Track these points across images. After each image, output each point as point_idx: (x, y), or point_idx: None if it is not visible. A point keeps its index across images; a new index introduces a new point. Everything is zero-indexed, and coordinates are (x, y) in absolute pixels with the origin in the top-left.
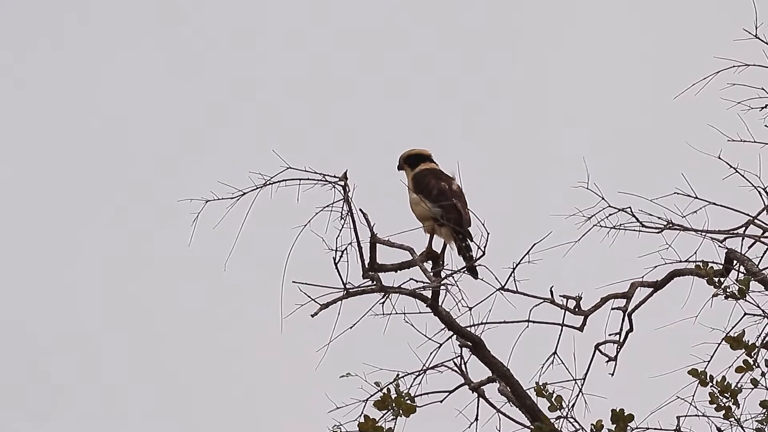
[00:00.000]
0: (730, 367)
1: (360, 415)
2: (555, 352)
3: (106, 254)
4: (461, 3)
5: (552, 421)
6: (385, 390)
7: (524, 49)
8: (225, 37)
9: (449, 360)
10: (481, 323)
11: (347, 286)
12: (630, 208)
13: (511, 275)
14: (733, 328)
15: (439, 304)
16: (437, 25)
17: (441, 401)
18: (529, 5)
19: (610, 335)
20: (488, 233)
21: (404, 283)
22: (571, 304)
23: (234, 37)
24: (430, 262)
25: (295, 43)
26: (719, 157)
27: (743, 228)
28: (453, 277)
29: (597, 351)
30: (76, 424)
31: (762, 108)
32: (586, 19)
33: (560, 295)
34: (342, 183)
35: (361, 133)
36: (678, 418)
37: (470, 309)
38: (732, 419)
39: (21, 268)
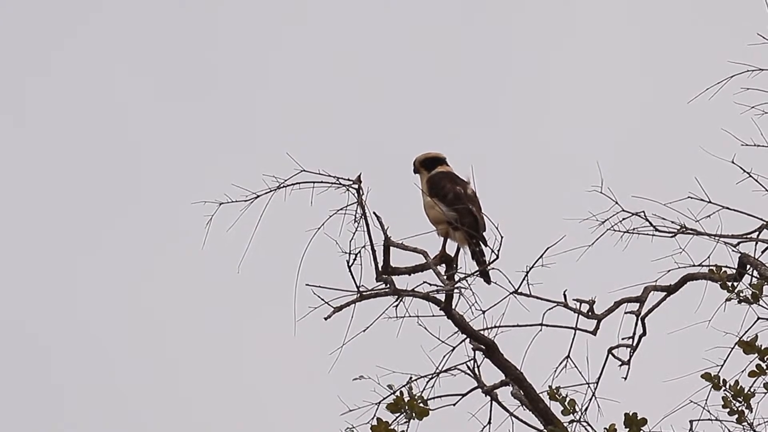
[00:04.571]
0: (743, 371)
1: (373, 418)
2: (568, 356)
3: (119, 256)
4: (465, 5)
5: (565, 424)
6: (398, 393)
7: (533, 51)
8: (236, 40)
9: (462, 363)
10: (495, 326)
11: (361, 289)
12: (643, 212)
13: (524, 279)
14: (746, 332)
15: (453, 307)
16: (448, 28)
17: (454, 404)
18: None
19: (623, 339)
20: (502, 237)
21: (418, 286)
22: (585, 307)
23: (245, 41)
24: (443, 265)
25: (307, 47)
26: (733, 162)
27: (757, 232)
28: (466, 281)
29: (610, 355)
30: (87, 425)
31: None
32: (594, 20)
33: (573, 299)
34: (356, 186)
35: (375, 137)
36: (691, 422)
37: (483, 312)
38: (745, 423)
39: (32, 270)
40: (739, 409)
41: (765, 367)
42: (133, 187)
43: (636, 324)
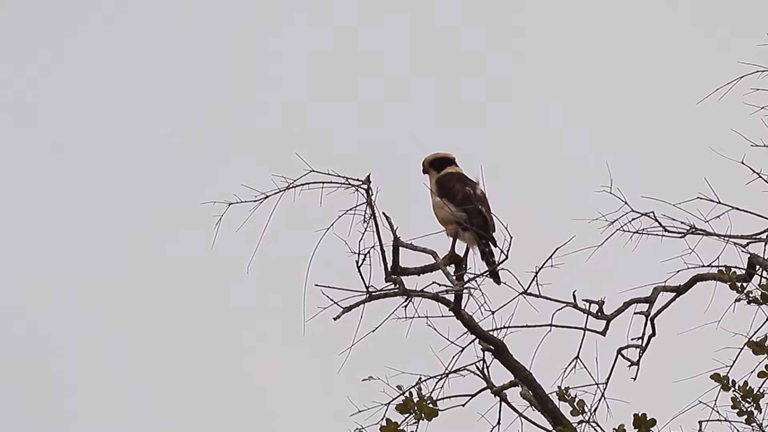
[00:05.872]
0: (752, 372)
1: (382, 419)
2: (577, 357)
3: (128, 256)
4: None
5: (574, 425)
6: (407, 393)
7: (533, 51)
8: (246, 39)
9: (471, 364)
10: (504, 327)
11: (370, 290)
12: (653, 212)
13: (533, 279)
14: (755, 333)
15: (462, 307)
16: (449, 28)
17: (463, 405)
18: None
19: (632, 340)
20: (511, 237)
21: (427, 286)
22: (594, 308)
23: (255, 40)
24: (452, 265)
25: (315, 46)
26: (742, 162)
27: (766, 233)
28: (476, 281)
29: (619, 355)
30: (91, 424)
31: None
32: (598, 20)
33: (583, 300)
34: (365, 186)
35: (384, 137)
36: (700, 422)
37: (493, 313)
38: (754, 424)
39: (38, 267)
40: (749, 409)
41: None
42: (142, 186)
43: (645, 324)
